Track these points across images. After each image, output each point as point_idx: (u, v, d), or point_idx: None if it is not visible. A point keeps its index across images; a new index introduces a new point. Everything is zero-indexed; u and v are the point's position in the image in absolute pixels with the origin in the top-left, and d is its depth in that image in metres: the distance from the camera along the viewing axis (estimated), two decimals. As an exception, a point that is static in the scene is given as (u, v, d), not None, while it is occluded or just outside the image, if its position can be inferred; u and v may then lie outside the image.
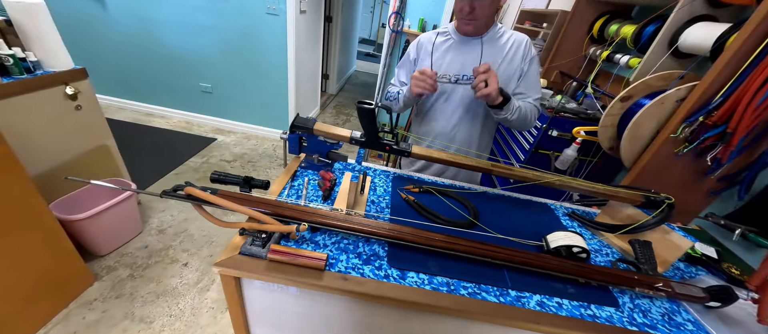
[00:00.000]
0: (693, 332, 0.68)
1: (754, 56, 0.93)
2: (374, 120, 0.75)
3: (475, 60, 1.07)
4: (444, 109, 1.17)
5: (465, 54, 1.09)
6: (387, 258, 0.70)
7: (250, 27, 2.67)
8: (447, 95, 1.15)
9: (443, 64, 1.11)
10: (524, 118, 1.06)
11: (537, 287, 0.70)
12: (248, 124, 3.28)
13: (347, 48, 5.76)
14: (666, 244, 0.82)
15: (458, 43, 1.10)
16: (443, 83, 1.12)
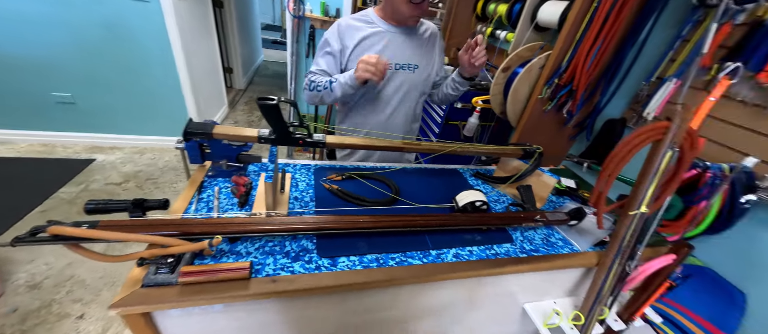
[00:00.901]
0: (562, 247, 0.89)
1: (583, 27, 1.20)
2: (280, 115, 0.73)
3: (408, 49, 1.15)
4: (381, 98, 1.20)
5: (395, 43, 1.13)
6: (316, 250, 0.71)
7: (112, 17, 2.18)
8: (383, 83, 1.17)
9: (373, 52, 1.11)
10: (447, 99, 1.28)
11: (452, 242, 0.82)
12: (138, 135, 2.75)
13: (249, 36, 5.22)
14: (541, 184, 1.03)
15: (388, 32, 1.13)
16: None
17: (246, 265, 0.59)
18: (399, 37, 1.14)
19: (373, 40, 1.11)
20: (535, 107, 1.46)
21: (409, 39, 1.15)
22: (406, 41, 1.15)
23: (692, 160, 0.72)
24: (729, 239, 1.05)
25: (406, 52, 1.16)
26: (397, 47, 1.14)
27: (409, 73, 1.19)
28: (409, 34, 1.15)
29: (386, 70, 0.99)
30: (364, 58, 0.97)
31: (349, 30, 1.11)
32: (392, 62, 1.13)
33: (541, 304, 0.96)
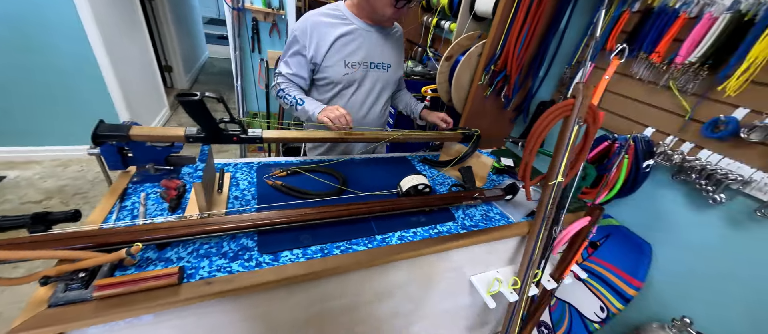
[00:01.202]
0: (499, 220, 0.97)
1: (511, 16, 1.28)
2: (206, 111, 0.69)
3: (380, 48, 1.14)
4: (356, 98, 1.16)
5: (370, 42, 1.11)
6: (257, 247, 0.70)
7: (13, 12, 1.88)
8: (359, 82, 1.14)
9: (349, 52, 1.08)
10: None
11: (397, 226, 0.85)
12: (61, 146, 2.42)
13: (190, 31, 4.81)
14: (480, 165, 1.11)
15: (362, 30, 1.09)
16: (354, 71, 1.10)
17: (174, 270, 0.56)
18: (373, 35, 1.11)
19: (348, 39, 1.07)
20: (477, 93, 1.55)
21: (382, 38, 1.14)
22: (379, 40, 1.13)
23: (596, 132, 0.82)
24: (637, 200, 1.22)
25: (380, 51, 1.15)
26: (372, 46, 1.12)
27: (383, 72, 1.18)
28: (383, 33, 1.14)
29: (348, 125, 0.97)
30: (333, 110, 0.96)
31: (320, 28, 1.04)
32: (367, 61, 1.12)
33: (485, 275, 1.04)
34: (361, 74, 1.12)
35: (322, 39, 1.04)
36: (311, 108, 1.01)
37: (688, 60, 0.99)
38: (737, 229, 0.96)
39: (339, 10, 1.08)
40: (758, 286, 0.92)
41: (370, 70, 1.14)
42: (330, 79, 1.09)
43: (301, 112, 1.04)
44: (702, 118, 1.00)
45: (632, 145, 1.09)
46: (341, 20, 1.07)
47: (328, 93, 1.16)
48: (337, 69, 1.08)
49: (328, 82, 1.12)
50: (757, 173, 0.89)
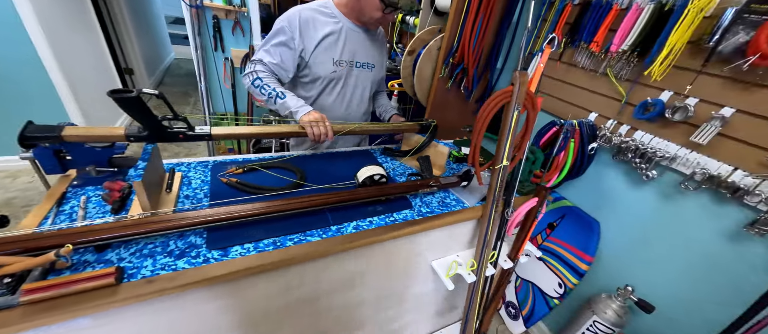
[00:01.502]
0: (456, 205, 1.01)
1: (465, 10, 1.33)
2: (145, 109, 0.68)
3: (366, 48, 1.18)
4: (340, 95, 1.20)
5: (356, 41, 1.15)
6: (206, 244, 0.69)
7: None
8: (344, 80, 1.17)
9: (337, 50, 1.11)
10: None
11: (353, 216, 0.86)
12: (6, 156, 2.25)
13: (151, 31, 4.58)
14: (437, 154, 1.15)
15: (349, 29, 1.12)
16: (340, 69, 1.14)
17: (110, 271, 0.55)
18: (360, 35, 1.15)
19: (336, 37, 1.09)
20: (439, 86, 1.59)
21: (367, 39, 1.18)
22: (365, 40, 1.17)
23: (536, 117, 0.87)
24: (585, 181, 1.31)
25: (365, 51, 1.18)
26: (358, 45, 1.15)
27: (367, 72, 1.22)
28: (368, 34, 1.18)
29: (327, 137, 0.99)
30: (315, 119, 0.97)
31: (310, 24, 1.05)
32: (353, 59, 1.16)
33: (445, 259, 1.08)
34: (346, 72, 1.16)
35: (313, 34, 1.06)
36: (294, 105, 1.01)
37: (620, 48, 1.06)
38: (667, 201, 1.05)
39: (328, 7, 1.10)
40: (687, 250, 1.02)
41: (355, 69, 1.17)
42: (317, 75, 1.12)
43: (281, 106, 1.03)
44: (636, 102, 1.08)
45: (578, 130, 1.17)
46: (331, 18, 1.09)
47: (313, 90, 1.17)
48: (325, 66, 1.10)
49: (314, 79, 1.13)
50: (681, 149, 0.98)
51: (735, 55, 0.83)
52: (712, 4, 0.86)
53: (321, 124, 0.97)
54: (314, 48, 1.07)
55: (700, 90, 0.93)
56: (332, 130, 0.99)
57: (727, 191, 0.88)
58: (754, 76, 0.81)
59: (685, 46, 0.93)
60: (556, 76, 1.35)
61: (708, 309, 0.97)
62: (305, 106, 1.02)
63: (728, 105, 0.87)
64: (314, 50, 1.07)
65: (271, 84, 1.04)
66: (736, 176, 0.87)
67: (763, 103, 0.81)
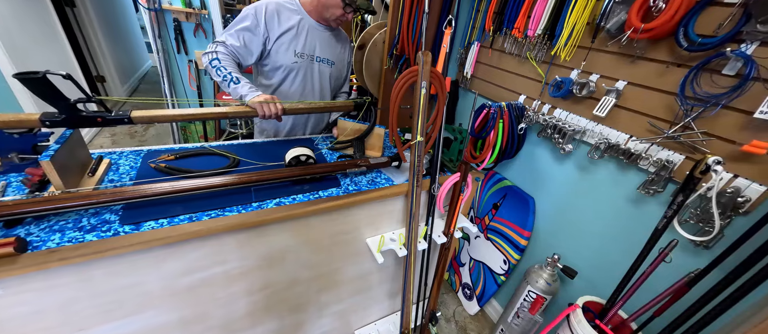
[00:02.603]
0: (385, 184, 1.06)
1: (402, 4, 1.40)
2: (55, 91, 0.71)
3: (327, 45, 1.26)
4: (299, 87, 1.27)
5: (318, 38, 1.24)
6: (120, 220, 0.73)
7: None
8: (303, 72, 1.25)
9: (299, 42, 1.19)
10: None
11: (277, 194, 0.91)
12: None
13: (124, 39, 4.57)
14: (373, 136, 1.20)
15: (312, 25, 1.21)
16: (301, 61, 1.22)
17: (9, 241, 0.58)
18: (322, 33, 1.24)
19: (300, 30, 1.18)
20: (387, 78, 1.65)
21: (330, 37, 1.27)
22: (327, 38, 1.26)
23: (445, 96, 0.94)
24: (520, 160, 1.38)
25: (326, 48, 1.27)
26: (319, 41, 1.24)
27: (327, 67, 1.31)
28: (330, 32, 1.27)
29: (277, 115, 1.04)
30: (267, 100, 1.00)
31: (275, 15, 1.14)
32: (314, 53, 1.24)
33: (378, 237, 1.13)
34: (306, 65, 1.24)
35: (278, 24, 1.14)
36: (244, 90, 1.05)
37: (536, 33, 1.14)
38: (582, 172, 1.12)
39: (293, 4, 1.19)
40: (599, 215, 1.09)
41: (315, 63, 1.26)
42: (278, 63, 1.20)
43: (233, 90, 1.07)
44: (553, 81, 1.16)
45: (506, 111, 1.24)
46: (296, 13, 1.18)
47: (273, 78, 1.25)
48: (287, 55, 1.19)
49: (275, 67, 1.22)
50: (588, 122, 1.06)
51: (619, 32, 0.91)
52: (601, -14, 0.94)
53: (271, 104, 1.01)
54: (277, 38, 1.16)
55: (598, 66, 1.01)
56: (282, 108, 1.03)
57: (624, 157, 0.96)
58: (636, 49, 0.89)
59: (584, 27, 1.01)
60: (490, 64, 1.42)
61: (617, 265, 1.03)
62: (256, 90, 1.06)
63: (621, 78, 0.95)
64: (277, 39, 1.16)
65: (228, 67, 1.08)
66: (631, 144, 0.94)
67: (646, 75, 0.89)
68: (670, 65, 0.83)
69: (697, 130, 0.79)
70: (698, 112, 0.78)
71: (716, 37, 0.74)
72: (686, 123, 0.80)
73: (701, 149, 0.79)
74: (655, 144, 0.88)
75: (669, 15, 0.77)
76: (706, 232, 0.77)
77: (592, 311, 0.97)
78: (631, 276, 0.84)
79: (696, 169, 0.66)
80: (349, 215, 1.02)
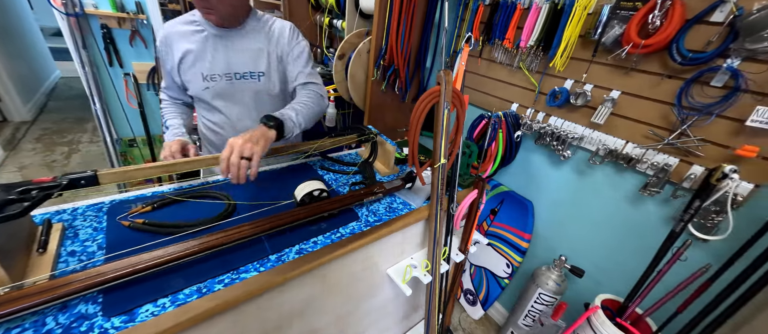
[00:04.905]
0: (402, 209, 0.99)
1: (388, 13, 1.33)
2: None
3: (243, 55, 0.97)
4: (230, 114, 1.05)
5: (227, 49, 0.96)
6: (102, 311, 0.55)
7: None
8: (227, 97, 1.02)
9: (204, 63, 0.96)
10: (311, 115, 0.99)
11: (294, 239, 0.79)
12: None
13: (23, 47, 3.72)
14: (386, 153, 1.13)
15: (216, 36, 0.95)
16: (214, 84, 0.99)
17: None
18: (230, 41, 0.96)
19: (200, 49, 0.95)
20: (374, 89, 1.58)
21: (244, 43, 0.97)
22: (239, 45, 0.97)
23: (465, 113, 0.91)
24: (515, 166, 1.42)
25: (243, 59, 0.98)
26: (232, 54, 0.96)
27: (254, 83, 1.01)
28: (241, 36, 0.97)
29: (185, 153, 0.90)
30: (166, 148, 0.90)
31: (173, 38, 0.95)
32: (230, 71, 0.98)
33: (400, 264, 1.06)
34: (226, 87, 1.00)
35: (175, 51, 0.96)
36: (167, 137, 0.94)
37: (528, 44, 1.17)
38: (582, 175, 1.19)
39: (194, 15, 0.97)
40: (601, 216, 1.17)
41: (236, 82, 1.00)
42: (194, 95, 1.02)
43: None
44: (546, 90, 1.21)
45: (503, 121, 1.26)
46: (195, 27, 0.96)
47: (203, 109, 1.07)
48: (196, 83, 0.98)
49: (196, 98, 1.03)
50: (585, 130, 1.12)
51: (615, 46, 0.97)
52: (592, 2, 0.99)
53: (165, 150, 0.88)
54: (178, 65, 0.97)
55: (593, 77, 1.07)
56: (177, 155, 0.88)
57: (623, 161, 1.03)
58: (631, 62, 0.96)
59: (577, 39, 1.06)
60: (479, 73, 1.44)
61: (622, 263, 1.12)
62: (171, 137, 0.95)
63: (615, 88, 1.02)
64: (179, 67, 0.97)
65: (165, 114, 1.01)
66: (628, 148, 1.02)
67: (640, 85, 0.97)
68: (664, 77, 0.91)
69: (693, 137, 0.87)
70: (692, 120, 0.86)
71: (706, 52, 0.82)
72: (683, 130, 0.88)
73: (696, 153, 0.88)
74: (651, 149, 0.96)
75: (667, 32, 0.83)
76: (708, 229, 0.86)
77: (610, 310, 1.03)
78: (649, 274, 0.90)
79: (712, 176, 0.72)
80: (371, 249, 0.93)
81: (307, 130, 2.20)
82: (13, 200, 0.54)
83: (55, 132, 3.22)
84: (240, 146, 0.73)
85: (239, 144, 0.73)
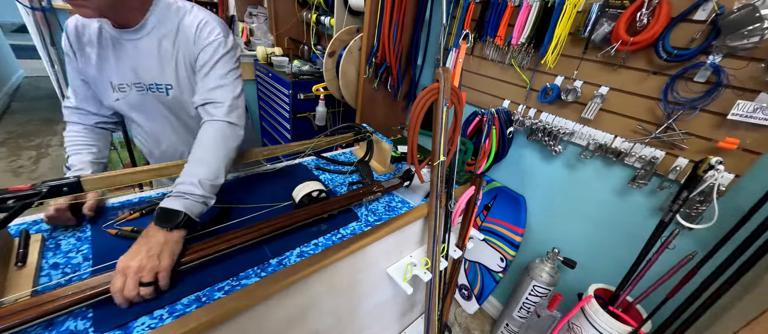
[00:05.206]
0: (401, 208, 0.99)
1: (380, 9, 1.32)
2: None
3: (154, 62, 0.76)
4: (148, 131, 0.89)
5: (129, 53, 0.74)
6: (93, 326, 0.51)
7: None
8: (141, 110, 0.83)
9: (109, 68, 0.76)
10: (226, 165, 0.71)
11: (295, 242, 0.76)
12: None
13: (-21, 44, 3.44)
14: (382, 150, 1.12)
15: (117, 38, 0.73)
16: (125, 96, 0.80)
17: None
18: (131, 42, 0.74)
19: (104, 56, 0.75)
20: (365, 87, 1.56)
21: (147, 43, 0.74)
22: (144, 46, 0.74)
23: (463, 111, 0.91)
24: (508, 162, 1.44)
25: (154, 67, 0.76)
26: (135, 58, 0.75)
27: (162, 96, 0.80)
28: (147, 36, 0.74)
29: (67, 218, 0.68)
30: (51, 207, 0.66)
31: (83, 32, 0.74)
32: (140, 81, 0.78)
33: (400, 263, 1.06)
34: (137, 99, 0.80)
35: (84, 48, 0.75)
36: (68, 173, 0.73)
37: (519, 41, 1.19)
38: (572, 170, 1.22)
39: None
40: (591, 208, 1.21)
41: (147, 93, 0.79)
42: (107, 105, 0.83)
43: None
44: (537, 87, 1.23)
45: (496, 117, 1.27)
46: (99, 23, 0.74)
47: (126, 120, 0.89)
48: (107, 93, 0.79)
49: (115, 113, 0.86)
50: (576, 125, 1.15)
51: (603, 43, 1.00)
52: (582, 0, 1.02)
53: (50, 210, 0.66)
54: (86, 68, 0.77)
55: (583, 74, 1.09)
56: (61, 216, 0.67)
57: (612, 155, 1.06)
58: (619, 59, 0.99)
59: (567, 37, 1.08)
60: (470, 70, 1.45)
61: (612, 253, 1.16)
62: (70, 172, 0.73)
63: (604, 84, 1.05)
64: (87, 71, 0.77)
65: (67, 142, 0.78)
66: (616, 143, 1.05)
67: (628, 81, 1.00)
68: (650, 73, 0.95)
69: (678, 130, 0.91)
70: (677, 114, 0.90)
71: (690, 49, 0.85)
72: (669, 124, 0.92)
73: (680, 146, 0.92)
74: (639, 143, 0.99)
75: (654, 29, 0.86)
76: (693, 218, 0.90)
77: (602, 298, 1.06)
78: (639, 263, 0.93)
79: (699, 168, 0.76)
80: (371, 249, 0.92)
81: (300, 130, 2.15)
82: (-13, 211, 0.49)
83: (21, 135, 3.01)
84: (134, 273, 0.51)
85: (133, 270, 0.51)
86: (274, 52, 2.16)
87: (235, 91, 0.77)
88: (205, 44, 0.74)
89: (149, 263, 0.53)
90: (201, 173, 0.64)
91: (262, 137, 2.65)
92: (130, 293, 0.51)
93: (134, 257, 0.52)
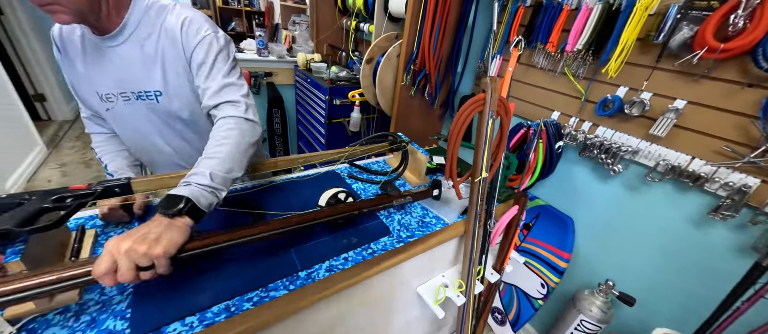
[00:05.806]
0: (435, 224, 0.93)
1: (421, 16, 1.28)
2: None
3: (138, 69, 0.70)
4: (140, 141, 0.83)
5: (115, 59, 0.70)
6: (130, 327, 0.52)
7: None
8: (130, 120, 0.78)
9: (95, 76, 0.73)
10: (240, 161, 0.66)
11: (324, 253, 0.74)
12: None
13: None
14: (417, 161, 1.07)
15: (98, 46, 0.69)
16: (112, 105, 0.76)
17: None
18: (113, 49, 0.69)
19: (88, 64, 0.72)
20: (402, 94, 1.52)
21: (129, 48, 0.69)
22: (127, 52, 0.69)
23: (510, 123, 0.83)
24: (555, 179, 1.32)
25: (139, 74, 0.71)
26: (119, 66, 0.70)
27: (152, 103, 0.75)
28: (128, 41, 0.69)
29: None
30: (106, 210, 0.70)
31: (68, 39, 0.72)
32: (125, 89, 0.73)
33: (431, 282, 1.00)
34: (125, 109, 0.75)
35: (66, 53, 0.73)
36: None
37: (576, 48, 1.08)
38: (634, 193, 1.08)
39: None
40: (658, 239, 1.05)
41: (135, 102, 0.74)
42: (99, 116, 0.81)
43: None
44: (594, 99, 1.10)
45: (544, 130, 1.17)
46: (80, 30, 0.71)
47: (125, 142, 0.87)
48: (94, 102, 0.76)
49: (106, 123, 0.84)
50: (641, 142, 1.00)
51: (681, 50, 0.86)
52: (655, 2, 0.89)
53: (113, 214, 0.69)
54: (71, 77, 0.76)
55: (653, 85, 0.96)
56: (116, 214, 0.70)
57: (688, 179, 0.91)
58: (701, 68, 0.85)
59: (634, 43, 0.95)
60: (516, 78, 1.35)
61: (683, 294, 0.99)
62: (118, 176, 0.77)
63: (680, 97, 0.91)
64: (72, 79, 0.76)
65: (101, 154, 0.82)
66: (694, 165, 0.90)
67: (711, 94, 0.85)
68: (745, 86, 0.79)
69: (782, 154, 0.75)
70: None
71: (802, 58, 0.70)
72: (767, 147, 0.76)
73: (784, 174, 0.76)
74: (725, 167, 0.84)
75: (754, 35, 0.72)
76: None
77: (670, 347, 0.91)
78: (723, 310, 0.78)
79: (817, 204, 0.61)
80: (403, 267, 0.87)
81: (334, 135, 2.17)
82: (49, 208, 0.52)
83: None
84: (126, 253, 0.44)
85: (124, 250, 0.44)
86: (313, 59, 2.22)
87: (243, 89, 0.73)
88: (195, 43, 0.69)
89: (142, 247, 0.45)
90: (213, 164, 0.61)
91: (298, 141, 2.72)
92: (127, 275, 0.44)
93: (126, 239, 0.45)
